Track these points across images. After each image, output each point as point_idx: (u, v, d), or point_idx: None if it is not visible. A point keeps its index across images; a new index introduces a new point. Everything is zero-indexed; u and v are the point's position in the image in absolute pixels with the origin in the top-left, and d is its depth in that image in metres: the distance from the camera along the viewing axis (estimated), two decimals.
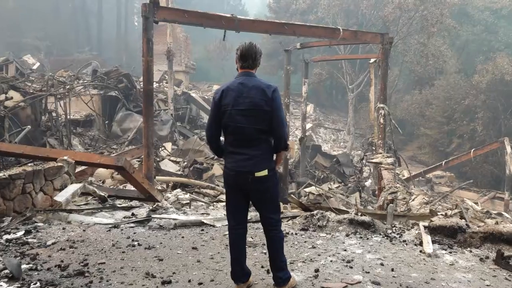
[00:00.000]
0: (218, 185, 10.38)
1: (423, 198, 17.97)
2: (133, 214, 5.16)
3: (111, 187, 8.90)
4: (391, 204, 7.32)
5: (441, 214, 5.19)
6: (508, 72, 24.12)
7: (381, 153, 11.51)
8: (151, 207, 5.41)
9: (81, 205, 5.44)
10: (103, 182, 9.48)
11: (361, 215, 4.79)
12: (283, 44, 20.14)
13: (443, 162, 21.19)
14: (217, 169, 12.05)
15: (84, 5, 47.97)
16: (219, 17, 8.84)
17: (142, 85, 17.95)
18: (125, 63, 33.02)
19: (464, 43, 34.32)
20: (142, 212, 5.28)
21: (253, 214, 5.04)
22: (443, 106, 28.57)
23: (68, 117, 13.60)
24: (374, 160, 11.09)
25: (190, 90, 23.40)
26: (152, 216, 4.91)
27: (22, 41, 35.26)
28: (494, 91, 25.39)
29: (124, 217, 5.07)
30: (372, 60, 17.84)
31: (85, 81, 16.48)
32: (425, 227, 4.57)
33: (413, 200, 13.27)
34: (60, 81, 14.46)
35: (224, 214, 5.21)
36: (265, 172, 3.14)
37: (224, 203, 9.05)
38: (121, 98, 15.95)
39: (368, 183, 17.55)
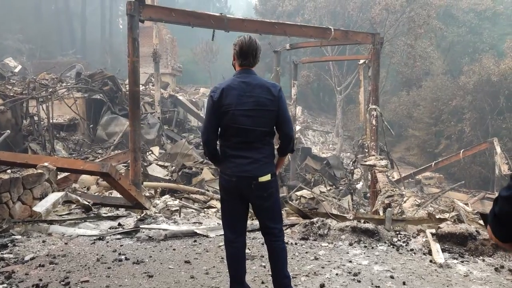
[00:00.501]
0: (208, 190, 10.04)
1: (415, 200, 17.93)
2: (119, 225, 4.80)
3: (96, 194, 8.49)
4: (389, 209, 7.08)
5: (449, 220, 4.94)
6: (494, 72, 24.29)
7: (374, 155, 11.31)
8: (139, 216, 5.06)
9: (63, 215, 5.06)
10: (88, 189, 9.06)
11: (364, 222, 4.51)
12: (272, 45, 19.84)
13: (433, 163, 21.14)
14: (207, 174, 11.71)
15: (68, 7, 47.17)
16: (207, 16, 8.53)
17: (128, 88, 17.56)
18: (110, 66, 32.43)
19: (450, 45, 34.56)
20: (129, 222, 4.92)
21: (248, 222, 4.72)
22: (430, 107, 28.67)
23: (51, 121, 13.11)
24: (367, 163, 10.87)
25: (177, 93, 22.98)
26: (141, 226, 4.56)
27: (3, 43, 34.40)
28: (481, 92, 25.55)
29: (110, 228, 4.71)
30: (361, 61, 17.69)
31: (69, 84, 15.98)
32: (432, 234, 4.31)
33: (404, 202, 13.13)
34: (42, 84, 13.96)
35: (218, 223, 4.88)
36: (268, 177, 2.87)
37: (215, 209, 8.72)
38: (106, 101, 15.49)
39: (359, 185, 17.36)
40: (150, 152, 13.59)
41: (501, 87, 24.67)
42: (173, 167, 12.71)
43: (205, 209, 8.57)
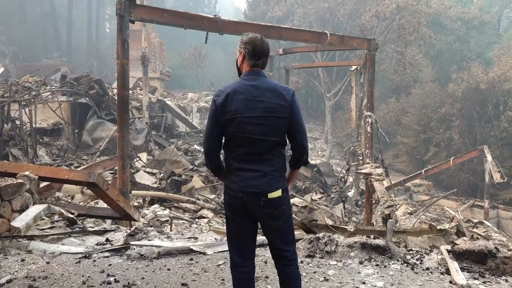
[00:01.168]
0: (199, 199, 9.64)
1: (406, 208, 17.74)
2: (107, 240, 4.39)
3: (81, 203, 8.03)
4: (390, 220, 6.79)
5: (464, 236, 4.65)
6: (483, 80, 24.41)
7: (368, 163, 11.05)
8: (128, 231, 4.65)
9: (45, 229, 4.63)
10: (72, 198, 8.59)
11: (373, 238, 4.19)
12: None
13: (423, 171, 21.01)
14: (197, 181, 11.31)
15: (53, 9, 46.34)
16: (201, 17, 8.18)
17: (114, 92, 17.08)
18: (96, 70, 31.84)
19: (438, 52, 34.83)
20: (118, 237, 4.52)
21: None
22: (419, 115, 28.74)
23: (34, 125, 12.59)
24: (363, 171, 10.59)
25: (165, 98, 22.54)
26: (131, 243, 4.16)
27: None
28: (469, 100, 25.66)
29: (97, 244, 4.30)
30: (353, 68, 17.51)
31: (53, 87, 15.45)
32: (448, 251, 4.00)
33: (396, 210, 12.90)
34: (25, 87, 13.42)
35: (215, 238, 4.52)
36: (279, 193, 2.53)
37: (207, 219, 8.33)
38: (92, 105, 14.99)
39: (350, 193, 17.12)
40: (137, 159, 13.14)
41: (489, 95, 24.81)
42: (162, 174, 12.29)
43: (197, 219, 8.18)
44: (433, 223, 7.54)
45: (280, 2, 36.63)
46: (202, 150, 2.92)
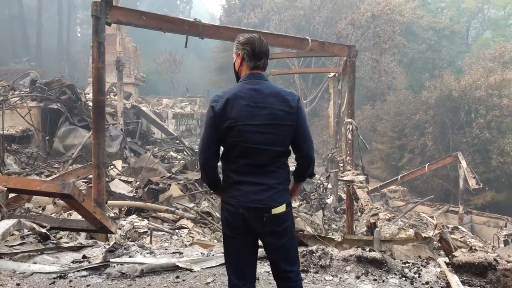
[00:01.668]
0: (178, 208, 9.30)
1: (384, 214, 17.80)
2: (84, 257, 4.04)
3: (53, 215, 7.58)
4: (377, 229, 6.67)
5: (462, 247, 4.53)
6: (455, 88, 24.99)
7: (349, 170, 10.98)
8: (107, 246, 4.32)
9: (14, 245, 4.24)
10: (44, 209, 8.11)
11: (369, 250, 4.01)
12: None
13: (399, 177, 21.25)
14: (175, 190, 10.95)
15: (22, 13, 44.92)
16: (181, 21, 7.91)
17: (87, 97, 16.52)
18: (68, 75, 30.91)
19: (411, 61, 35.55)
20: (96, 253, 4.17)
21: None
22: (393, 121, 29.16)
23: (1, 132, 11.97)
24: (344, 178, 10.50)
25: (140, 104, 22.02)
26: (111, 260, 3.83)
27: None
28: (442, 107, 26.21)
29: (73, 262, 3.95)
30: (331, 74, 17.55)
31: (22, 92, 14.79)
32: (447, 264, 3.85)
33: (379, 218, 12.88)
34: None
35: (202, 253, 4.24)
36: (283, 208, 2.32)
37: (186, 229, 8.01)
38: (64, 111, 14.40)
39: (329, 200, 17.06)
40: (112, 167, 12.66)
41: (461, 102, 25.39)
42: (138, 183, 11.87)
43: (177, 230, 7.85)
44: (418, 231, 7.46)
45: (256, 9, 36.70)
46: (198, 162, 2.64)
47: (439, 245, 8.61)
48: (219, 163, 2.44)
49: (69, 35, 51.14)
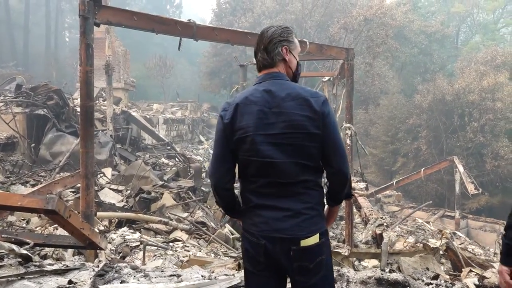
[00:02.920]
0: (171, 219, 8.85)
1: (380, 219, 17.51)
2: (70, 282, 3.60)
3: (37, 229, 7.10)
4: (385, 241, 6.31)
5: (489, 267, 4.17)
6: (448, 92, 24.91)
7: None
8: (96, 268, 3.88)
9: None
10: (28, 222, 7.61)
11: (389, 272, 3.62)
12: (239, 59, 19.03)
13: (394, 182, 21.00)
14: (168, 199, 10.50)
15: (9, 17, 44.09)
16: (174, 22, 7.50)
17: (75, 103, 15.99)
18: (56, 80, 30.27)
19: (403, 65, 35.52)
20: (84, 277, 3.73)
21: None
22: (387, 126, 29.01)
23: None
24: None
25: (130, 109, 21.51)
26: (100, 287, 3.40)
27: None
28: (436, 111, 26.12)
29: None
30: (326, 78, 17.23)
31: (7, 98, 14.22)
32: (477, 286, 3.48)
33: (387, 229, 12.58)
34: None
35: (202, 275, 3.82)
36: (316, 238, 1.90)
37: (181, 243, 7.57)
38: (50, 117, 13.86)
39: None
40: (101, 175, 12.17)
41: (454, 106, 25.32)
42: (129, 191, 11.39)
43: (171, 243, 7.40)
44: (427, 243, 7.13)
45: (247, 13, 36.44)
46: (210, 182, 2.17)
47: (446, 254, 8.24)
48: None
49: (57, 39, 50.36)
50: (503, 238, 2.11)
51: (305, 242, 1.87)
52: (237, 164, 1.99)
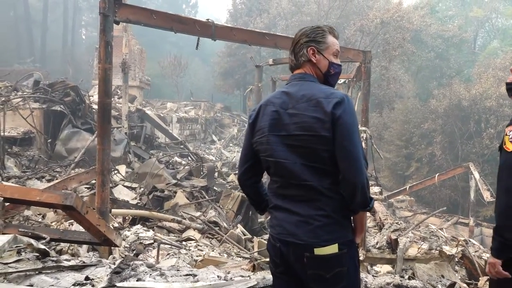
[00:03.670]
0: (184, 218, 8.87)
1: (396, 224, 17.33)
2: (87, 279, 3.61)
3: (53, 224, 7.16)
4: (400, 247, 6.24)
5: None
6: (465, 97, 24.58)
7: None
8: (112, 266, 3.88)
9: (9, 263, 3.81)
10: (44, 217, 7.69)
11: (408, 278, 3.56)
12: (254, 59, 19.05)
13: (408, 187, 20.79)
14: (181, 198, 10.52)
15: (28, 14, 44.77)
16: (193, 21, 7.52)
17: (91, 100, 16.14)
18: (72, 77, 30.58)
19: (418, 69, 35.16)
20: (100, 274, 3.74)
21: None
22: (401, 130, 28.74)
23: (2, 133, 11.58)
24: None
25: (144, 107, 21.65)
26: (117, 284, 3.40)
27: None
28: (451, 116, 25.79)
29: (75, 284, 3.52)
30: (341, 81, 17.14)
31: (25, 93, 14.41)
32: None
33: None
34: None
35: (218, 276, 3.80)
36: (334, 248, 1.81)
37: (194, 242, 7.57)
38: (67, 113, 14.01)
39: None
40: (116, 172, 12.25)
41: (471, 112, 24.96)
42: (142, 189, 11.46)
43: (184, 242, 7.41)
44: (442, 249, 7.02)
45: (263, 14, 36.45)
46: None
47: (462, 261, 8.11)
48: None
49: (74, 37, 51.01)
50: (495, 235, 2.28)
51: (320, 251, 1.79)
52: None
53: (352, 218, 2.00)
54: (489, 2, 41.93)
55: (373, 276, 3.75)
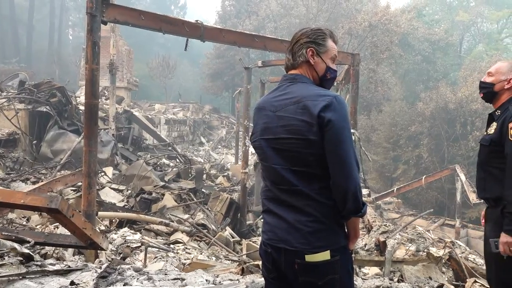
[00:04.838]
0: (172, 221, 8.78)
1: (384, 226, 17.43)
2: (73, 284, 3.53)
3: (38, 227, 7.03)
4: (389, 249, 6.25)
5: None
6: (451, 100, 24.86)
7: None
8: (99, 269, 3.81)
9: None
10: (28, 220, 7.54)
11: (397, 281, 3.56)
12: (243, 61, 19.03)
13: (395, 189, 20.93)
14: (169, 200, 10.43)
15: (13, 13, 44.12)
16: (181, 22, 7.48)
17: (78, 101, 15.93)
18: (58, 77, 30.24)
19: (405, 72, 35.50)
20: (86, 278, 3.66)
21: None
22: (388, 132, 28.93)
23: None
24: None
25: (132, 109, 21.47)
26: None
27: None
28: (438, 119, 26.05)
29: None
30: None
31: (10, 94, 14.17)
32: None
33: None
34: None
35: (207, 280, 3.75)
36: (325, 255, 1.75)
37: (182, 245, 7.50)
38: (53, 114, 13.80)
39: None
40: (102, 174, 12.10)
41: (457, 114, 25.25)
42: (129, 191, 11.33)
43: (172, 245, 7.33)
44: (430, 251, 7.05)
45: (252, 16, 36.45)
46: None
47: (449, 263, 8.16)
48: None
49: (61, 37, 50.38)
50: (508, 214, 2.51)
51: (311, 258, 1.74)
52: None
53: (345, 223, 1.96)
54: (475, 7, 42.59)
55: (362, 278, 3.74)
